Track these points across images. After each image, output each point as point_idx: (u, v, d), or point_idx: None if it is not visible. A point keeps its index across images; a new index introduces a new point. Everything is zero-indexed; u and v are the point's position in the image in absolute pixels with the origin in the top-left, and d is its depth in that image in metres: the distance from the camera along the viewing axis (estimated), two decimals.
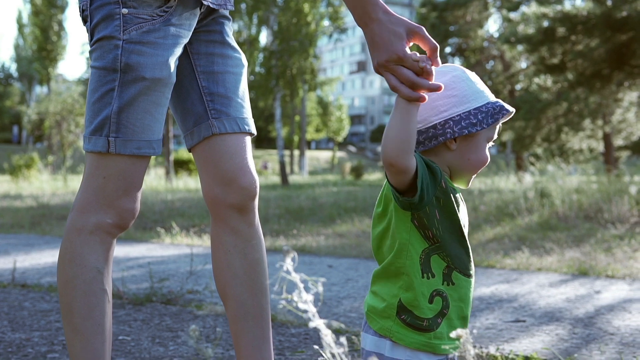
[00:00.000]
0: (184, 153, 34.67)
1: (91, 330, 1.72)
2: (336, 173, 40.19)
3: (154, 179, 20.74)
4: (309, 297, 1.07)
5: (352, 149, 74.77)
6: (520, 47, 16.71)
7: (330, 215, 9.53)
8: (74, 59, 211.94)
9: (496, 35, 28.44)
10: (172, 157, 28.84)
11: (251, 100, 39.82)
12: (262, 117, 55.95)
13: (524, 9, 19.08)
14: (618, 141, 21.82)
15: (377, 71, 1.44)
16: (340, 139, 63.35)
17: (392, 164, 1.40)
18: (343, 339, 1.07)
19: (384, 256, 1.52)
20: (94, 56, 1.70)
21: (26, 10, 52.78)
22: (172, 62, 1.72)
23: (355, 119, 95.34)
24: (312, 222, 8.75)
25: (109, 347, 1.76)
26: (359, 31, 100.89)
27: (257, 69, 25.64)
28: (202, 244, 6.63)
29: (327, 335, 1.05)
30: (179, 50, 1.75)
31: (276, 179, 27.01)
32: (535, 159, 12.65)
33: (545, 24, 13.18)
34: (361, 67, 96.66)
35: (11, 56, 65.66)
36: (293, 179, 31.30)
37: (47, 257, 5.72)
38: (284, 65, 23.82)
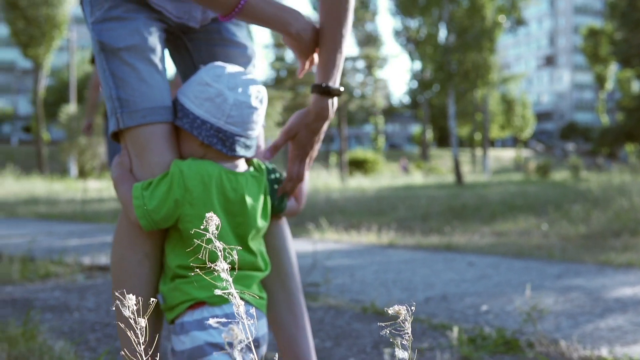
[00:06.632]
0: (360, 153, 35.05)
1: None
2: (522, 172, 38.86)
3: (329, 178, 21.12)
4: None
5: (539, 147, 72.01)
6: None
7: (493, 213, 9.21)
8: (257, 63, 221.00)
9: None
10: (345, 157, 29.25)
11: (426, 100, 39.46)
12: (443, 115, 55.32)
13: None
14: None
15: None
16: (525, 137, 61.23)
17: None
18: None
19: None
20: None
21: None
22: (144, 29, 1.74)
23: (543, 116, 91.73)
24: (473, 220, 8.49)
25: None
26: (545, 24, 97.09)
27: (433, 66, 25.40)
28: (349, 239, 6.63)
29: None
30: (149, 19, 1.76)
31: (451, 178, 26.59)
32: None
33: None
34: (549, 61, 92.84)
35: None
36: (472, 178, 30.67)
37: None
38: (459, 61, 23.39)
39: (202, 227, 0.98)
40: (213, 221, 0.97)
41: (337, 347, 2.73)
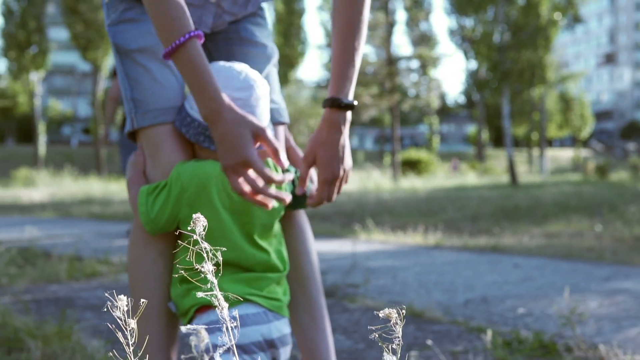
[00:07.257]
0: (413, 153, 34.80)
1: (151, 313, 1.75)
2: (580, 173, 38.02)
3: (381, 179, 21.01)
4: None
5: (599, 147, 70.42)
6: None
7: (545, 214, 9.03)
8: (311, 64, 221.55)
9: None
10: (398, 157, 29.06)
11: (481, 99, 39.06)
12: (499, 115, 54.54)
13: None
14: None
15: (225, 172, 1.55)
16: (583, 136, 59.95)
17: None
18: None
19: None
20: None
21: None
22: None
23: (603, 115, 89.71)
24: (524, 221, 8.34)
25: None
26: (605, 22, 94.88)
27: (488, 65, 25.08)
28: (396, 240, 6.58)
29: None
30: None
31: (506, 178, 26.13)
32: None
33: None
34: (609, 59, 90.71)
35: None
36: (528, 178, 30.17)
37: None
38: (514, 59, 23.02)
39: (189, 227, 0.97)
40: (200, 222, 0.96)
41: (369, 349, 2.70)
